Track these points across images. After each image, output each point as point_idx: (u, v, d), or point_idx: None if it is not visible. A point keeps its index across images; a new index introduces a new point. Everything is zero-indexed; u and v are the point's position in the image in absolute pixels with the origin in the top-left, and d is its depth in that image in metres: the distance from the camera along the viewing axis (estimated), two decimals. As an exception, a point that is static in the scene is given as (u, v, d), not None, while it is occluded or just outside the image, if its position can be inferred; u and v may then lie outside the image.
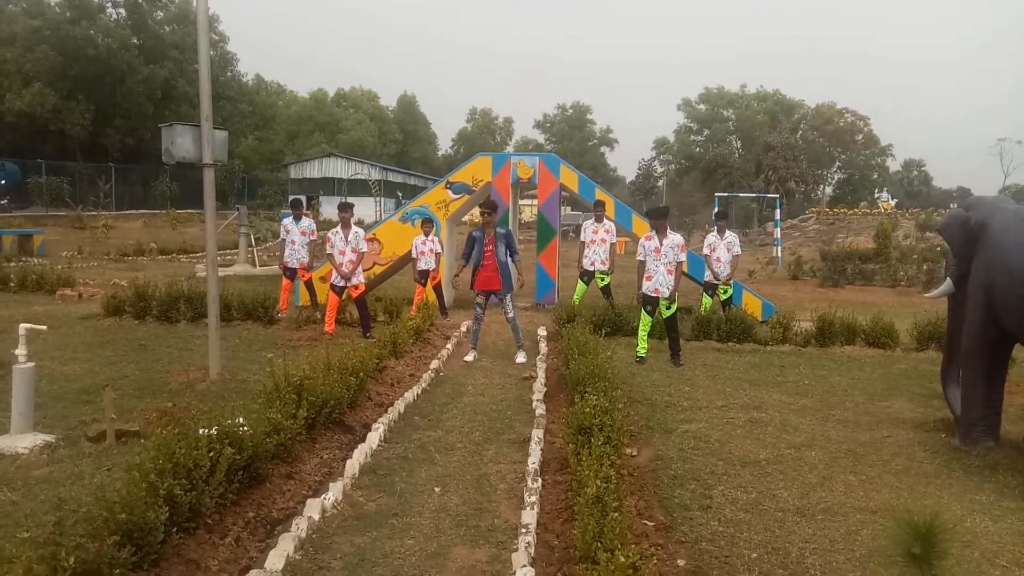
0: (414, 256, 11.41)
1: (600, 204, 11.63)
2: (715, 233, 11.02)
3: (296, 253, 11.23)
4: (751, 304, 11.88)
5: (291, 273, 11.32)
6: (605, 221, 11.48)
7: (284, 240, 11.33)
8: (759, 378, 8.16)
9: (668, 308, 8.79)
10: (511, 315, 8.92)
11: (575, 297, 11.42)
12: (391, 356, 8.03)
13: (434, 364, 8.16)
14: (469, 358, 8.74)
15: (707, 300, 11.00)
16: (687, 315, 10.80)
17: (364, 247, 9.95)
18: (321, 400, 5.52)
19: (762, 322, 11.23)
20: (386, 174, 59.05)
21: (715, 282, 10.79)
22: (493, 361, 8.80)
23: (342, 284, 9.79)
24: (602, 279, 11.46)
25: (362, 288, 9.85)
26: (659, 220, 8.79)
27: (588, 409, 5.15)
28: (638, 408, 6.73)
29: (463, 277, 8.94)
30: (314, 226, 11.60)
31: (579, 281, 11.55)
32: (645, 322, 8.92)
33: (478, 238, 8.76)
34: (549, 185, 12.88)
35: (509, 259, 8.82)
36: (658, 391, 7.45)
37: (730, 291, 10.88)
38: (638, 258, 8.90)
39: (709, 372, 8.41)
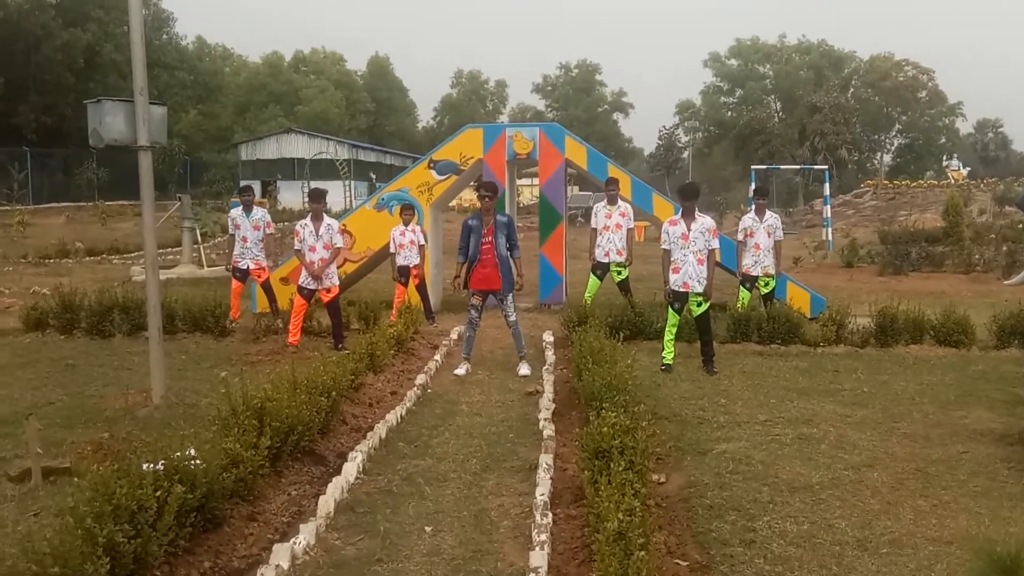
0: (393, 250, 11.44)
1: (613, 182, 11.62)
2: (752, 214, 11.00)
3: (249, 251, 11.26)
4: (797, 298, 11.92)
5: (242, 274, 11.35)
6: (620, 202, 11.47)
7: (234, 236, 11.35)
8: (809, 386, 8.20)
9: (699, 305, 8.82)
10: (513, 319, 8.94)
11: (587, 295, 11.45)
12: (369, 371, 8.05)
13: (420, 379, 8.19)
14: (460, 371, 8.77)
15: (744, 294, 11.03)
16: (721, 313, 10.84)
17: (339, 242, 9.97)
18: (287, 426, 5.54)
19: (811, 319, 11.28)
20: (356, 152, 59.11)
21: (753, 273, 10.81)
22: (490, 374, 8.83)
23: (312, 287, 9.81)
24: (618, 272, 11.48)
25: (335, 291, 9.87)
26: (689, 201, 8.75)
27: (606, 428, 5.17)
28: (665, 426, 6.76)
29: (464, 277, 8.90)
30: (268, 217, 11.60)
31: (591, 275, 11.58)
32: (672, 323, 8.96)
33: (475, 227, 8.75)
34: (552, 161, 12.92)
35: (509, 253, 8.85)
36: (688, 405, 7.49)
37: (772, 284, 10.88)
38: (662, 247, 8.93)
39: (749, 380, 8.45)
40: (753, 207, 11.26)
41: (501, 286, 8.80)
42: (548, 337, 10.43)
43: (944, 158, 76.56)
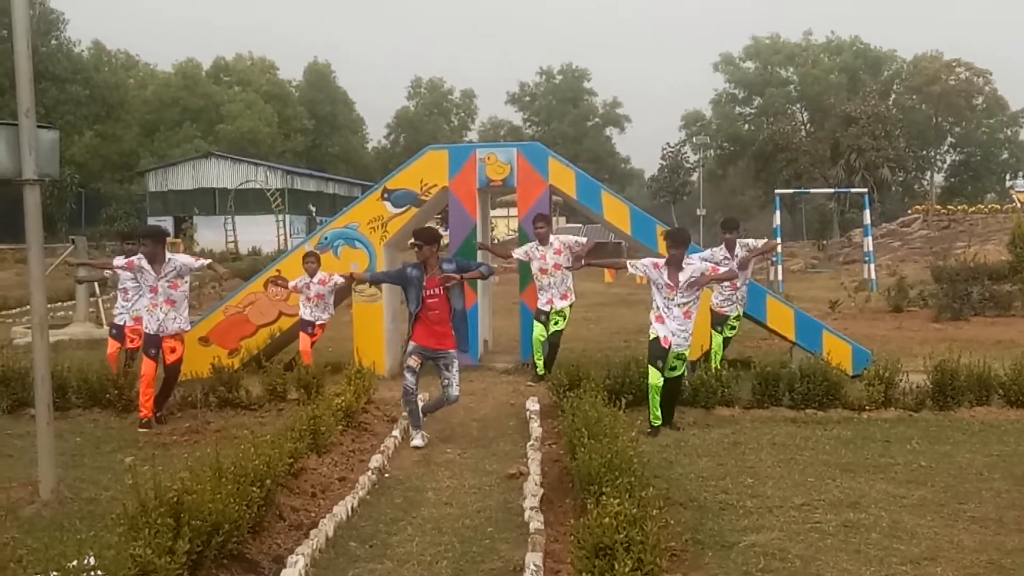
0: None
1: (542, 219, 12.08)
2: (723, 250, 11.60)
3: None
4: (836, 351, 11.98)
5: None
6: (552, 240, 11.90)
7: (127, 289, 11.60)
8: (854, 461, 8.23)
9: (673, 369, 9.26)
10: (455, 393, 9.06)
11: (535, 349, 11.91)
12: (311, 452, 7.99)
13: (375, 461, 8.14)
14: (418, 441, 8.93)
15: (717, 338, 11.65)
16: (744, 371, 10.91)
17: (193, 264, 10.20)
18: (210, 524, 5.47)
19: (853, 377, 11.35)
20: (292, 180, 59.37)
21: (727, 312, 11.59)
22: (463, 452, 8.80)
23: (155, 331, 9.85)
24: (555, 322, 11.87)
25: (180, 352, 9.98)
26: (679, 249, 9.20)
27: (607, 519, 5.16)
28: (681, 514, 6.74)
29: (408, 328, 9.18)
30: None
31: (535, 323, 12.00)
32: (654, 381, 9.22)
33: (413, 278, 8.90)
34: (534, 188, 13.01)
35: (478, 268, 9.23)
36: (708, 487, 7.48)
37: (738, 328, 11.91)
38: (632, 270, 9.61)
39: (780, 455, 8.47)
40: (723, 245, 11.62)
41: (454, 344, 9.00)
42: (533, 405, 10.39)
43: (1007, 177, 77.94)
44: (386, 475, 8.00)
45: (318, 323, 12.03)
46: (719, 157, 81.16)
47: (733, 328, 11.74)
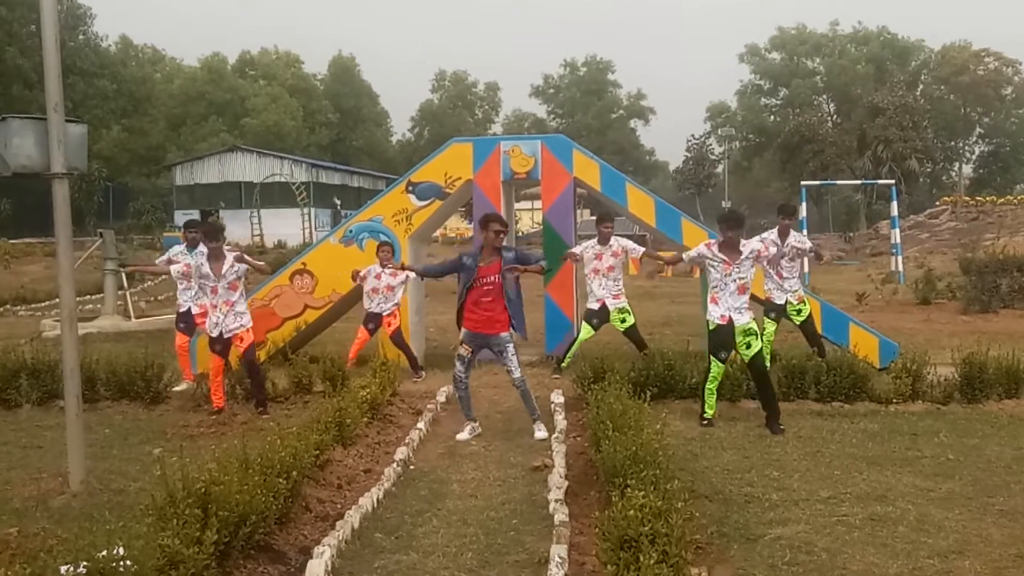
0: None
1: (608, 218, 12.06)
2: (774, 236, 11.33)
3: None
4: (863, 344, 11.94)
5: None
6: (613, 241, 11.79)
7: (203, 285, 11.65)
8: (880, 454, 8.18)
9: (748, 347, 9.03)
10: (518, 375, 8.98)
11: (572, 348, 11.88)
12: (337, 444, 8.03)
13: (400, 453, 8.17)
14: (465, 435, 8.93)
15: (769, 325, 11.34)
16: (771, 364, 10.86)
17: (240, 269, 10.07)
18: (238, 515, 5.51)
19: (880, 370, 11.29)
20: (317, 173, 59.47)
21: (777, 301, 11.24)
22: (488, 445, 8.81)
23: (217, 334, 9.93)
24: (622, 320, 11.80)
25: (248, 340, 10.00)
26: (736, 230, 9.06)
27: (632, 512, 5.16)
28: (706, 506, 6.73)
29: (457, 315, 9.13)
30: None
31: (584, 324, 11.88)
32: (715, 374, 9.16)
33: (469, 267, 8.86)
34: (558, 180, 13.00)
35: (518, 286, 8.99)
36: (733, 479, 7.46)
37: (806, 311, 11.32)
38: (685, 256, 9.59)
39: (806, 447, 8.43)
40: (777, 229, 11.36)
41: (506, 328, 8.89)
42: (557, 398, 10.42)
43: (1037, 167, 77.12)
44: (411, 467, 8.03)
45: (385, 314, 12.06)
46: (744, 149, 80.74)
47: (799, 313, 11.29)
